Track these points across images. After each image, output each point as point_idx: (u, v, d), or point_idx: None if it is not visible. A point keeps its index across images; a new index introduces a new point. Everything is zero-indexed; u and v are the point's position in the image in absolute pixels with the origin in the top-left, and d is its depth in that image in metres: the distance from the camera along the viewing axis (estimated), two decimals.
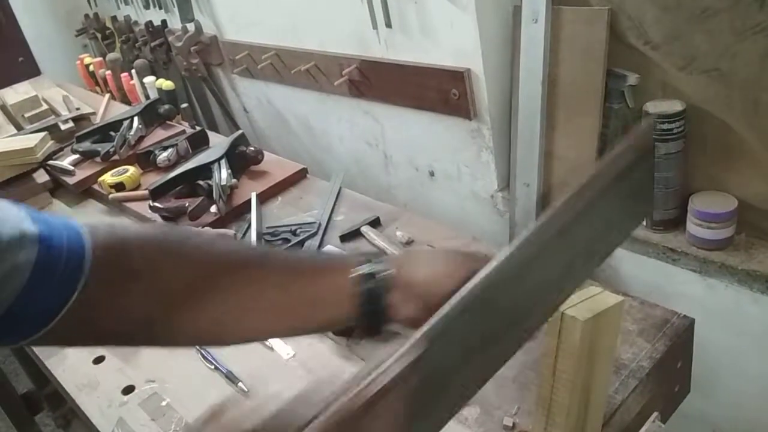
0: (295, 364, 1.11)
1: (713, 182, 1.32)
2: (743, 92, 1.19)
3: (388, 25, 1.58)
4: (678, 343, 0.96)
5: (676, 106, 1.27)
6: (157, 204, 1.52)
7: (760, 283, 1.23)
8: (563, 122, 1.45)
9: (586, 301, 0.69)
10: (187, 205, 1.47)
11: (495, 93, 1.52)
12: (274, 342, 1.15)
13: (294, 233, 1.41)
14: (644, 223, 1.39)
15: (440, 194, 1.82)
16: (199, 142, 1.80)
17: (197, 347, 1.15)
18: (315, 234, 1.39)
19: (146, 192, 1.58)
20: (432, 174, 1.82)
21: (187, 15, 2.31)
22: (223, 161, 1.56)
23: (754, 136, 1.22)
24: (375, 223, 1.40)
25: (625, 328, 0.99)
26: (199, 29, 2.31)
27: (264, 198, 1.57)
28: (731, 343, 1.34)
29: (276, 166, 1.66)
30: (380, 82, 1.73)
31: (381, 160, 1.95)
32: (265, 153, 1.69)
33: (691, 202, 1.30)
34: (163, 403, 1.09)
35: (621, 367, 0.93)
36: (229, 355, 1.14)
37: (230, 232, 1.38)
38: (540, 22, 1.39)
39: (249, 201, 1.53)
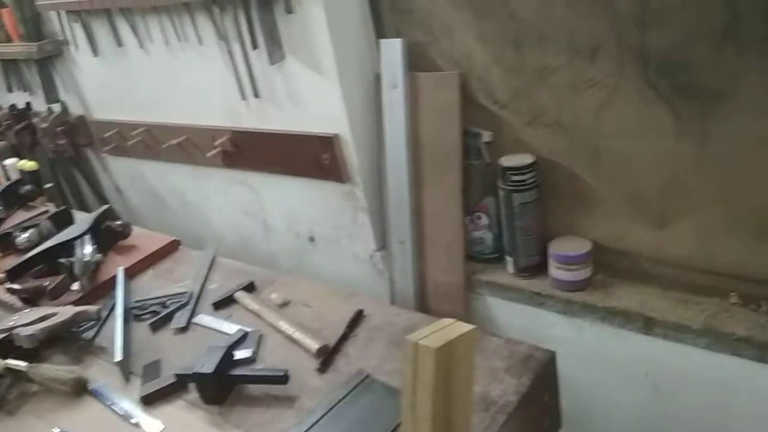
0: None
1: (569, 227, 1.41)
2: (584, 142, 1.30)
3: (256, 95, 1.61)
4: (542, 376, 0.99)
5: (526, 158, 1.36)
6: (14, 286, 1.42)
7: (620, 319, 1.31)
8: (429, 181, 1.51)
9: (438, 332, 0.71)
10: (46, 284, 1.39)
11: (364, 156, 1.57)
12: (141, 417, 1.08)
13: (164, 305, 1.36)
14: (511, 270, 1.46)
15: (322, 259, 1.83)
16: (63, 222, 1.71)
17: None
18: (186, 304, 1.35)
19: (2, 275, 1.48)
20: (312, 239, 1.82)
21: (51, 96, 2.25)
22: (87, 237, 1.50)
23: (599, 182, 1.32)
24: (250, 288, 1.38)
25: (493, 366, 1.02)
26: (65, 110, 2.25)
27: (133, 272, 1.51)
28: (600, 378, 1.40)
29: (146, 239, 1.62)
30: (253, 151, 1.75)
31: (261, 228, 1.94)
32: (135, 227, 1.64)
33: (550, 247, 1.38)
34: None
35: (490, 404, 0.94)
36: None
37: (93, 308, 1.31)
38: (399, 88, 1.47)
39: (115, 277, 1.46)
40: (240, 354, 1.16)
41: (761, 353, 1.15)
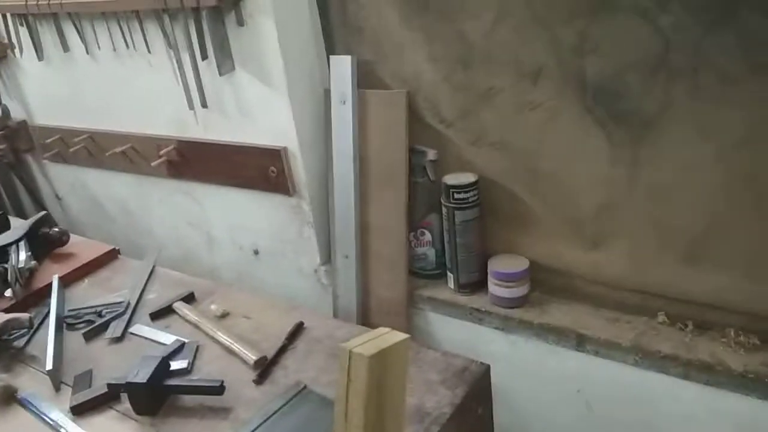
0: None
1: (508, 245, 1.45)
2: (524, 162, 1.34)
3: (204, 105, 1.61)
4: (476, 388, 1.01)
5: (469, 177, 1.39)
6: None
7: (554, 335, 1.34)
8: (375, 196, 1.53)
9: (373, 340, 0.72)
10: None
11: (312, 169, 1.58)
12: (71, 427, 1.05)
13: (99, 314, 1.33)
14: (452, 286, 1.48)
15: (265, 272, 1.82)
16: None
17: None
18: (122, 314, 1.32)
19: None
20: (256, 252, 1.81)
21: None
22: (21, 243, 1.46)
23: (536, 202, 1.36)
24: (189, 299, 1.36)
25: (429, 378, 1.03)
26: (6, 114, 2.19)
27: (69, 280, 1.47)
28: (535, 393, 1.43)
29: (84, 247, 1.58)
30: (199, 162, 1.74)
31: (204, 240, 1.92)
32: (73, 235, 1.61)
33: (490, 265, 1.41)
34: None
35: (424, 415, 0.96)
36: None
37: (25, 316, 1.27)
38: (348, 104, 1.49)
39: (50, 284, 1.42)
40: (176, 364, 1.14)
41: (686, 371, 1.19)
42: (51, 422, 1.08)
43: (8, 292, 1.39)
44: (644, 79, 1.13)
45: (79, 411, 1.09)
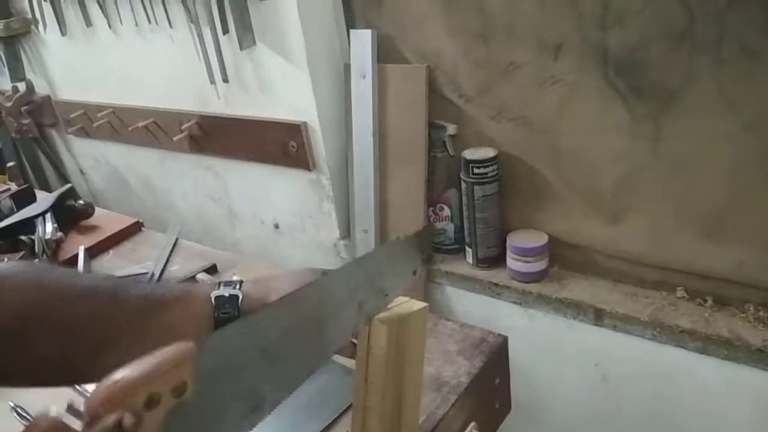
0: None
1: (527, 220, 1.45)
2: (544, 138, 1.34)
3: (225, 80, 1.62)
4: (494, 360, 1.02)
5: (489, 152, 1.39)
6: None
7: (572, 310, 1.35)
8: (394, 171, 1.54)
9: (393, 308, 0.73)
10: (5, 261, 1.37)
11: (332, 144, 1.59)
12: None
13: None
14: (470, 261, 1.49)
15: (286, 246, 1.84)
16: (25, 200, 1.69)
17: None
18: None
19: None
20: (277, 227, 1.83)
21: (17, 74, 2.22)
22: (48, 215, 1.49)
23: (556, 178, 1.36)
24: (212, 271, 1.38)
25: (447, 348, 1.04)
26: (30, 89, 2.22)
27: (95, 252, 1.50)
28: (552, 367, 1.45)
29: (108, 220, 1.61)
30: (220, 136, 1.75)
31: (226, 215, 1.94)
32: (98, 208, 1.63)
33: (509, 239, 1.42)
34: None
35: (442, 384, 0.97)
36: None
37: None
38: (368, 78, 1.49)
39: (77, 256, 1.45)
40: None
41: (704, 345, 1.20)
42: (80, 388, 1.11)
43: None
44: (667, 52, 1.12)
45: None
